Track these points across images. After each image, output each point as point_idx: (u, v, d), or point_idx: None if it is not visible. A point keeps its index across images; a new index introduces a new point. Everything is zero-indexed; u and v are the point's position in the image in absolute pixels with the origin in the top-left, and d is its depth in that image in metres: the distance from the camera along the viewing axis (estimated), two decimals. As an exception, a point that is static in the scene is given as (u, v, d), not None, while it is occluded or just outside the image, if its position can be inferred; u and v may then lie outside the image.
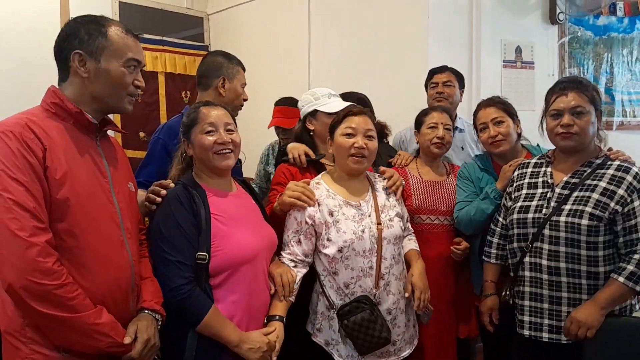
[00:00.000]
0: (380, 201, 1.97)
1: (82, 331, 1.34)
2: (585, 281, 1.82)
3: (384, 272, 1.88)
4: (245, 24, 4.45)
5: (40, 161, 1.34)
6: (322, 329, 1.92)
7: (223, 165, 1.77)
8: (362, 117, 1.94)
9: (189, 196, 1.69)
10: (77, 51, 1.44)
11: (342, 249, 1.84)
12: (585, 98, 1.88)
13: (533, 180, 2.01)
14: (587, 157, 1.92)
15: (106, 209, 1.48)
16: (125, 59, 1.49)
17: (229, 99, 2.31)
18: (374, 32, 3.49)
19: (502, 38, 3.52)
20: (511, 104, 2.35)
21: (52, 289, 1.29)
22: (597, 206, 1.79)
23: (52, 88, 1.48)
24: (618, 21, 3.97)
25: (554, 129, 1.91)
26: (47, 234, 1.31)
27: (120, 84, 1.49)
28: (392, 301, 1.90)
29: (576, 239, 1.80)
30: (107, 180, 1.51)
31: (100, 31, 1.46)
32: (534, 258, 1.90)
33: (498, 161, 2.35)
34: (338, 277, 1.87)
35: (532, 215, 1.92)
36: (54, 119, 1.44)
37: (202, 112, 1.79)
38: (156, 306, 1.56)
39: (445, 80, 2.81)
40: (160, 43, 4.43)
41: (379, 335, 1.82)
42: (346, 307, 1.84)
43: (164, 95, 4.42)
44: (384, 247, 1.89)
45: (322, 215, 1.88)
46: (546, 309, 1.88)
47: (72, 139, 1.44)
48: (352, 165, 1.91)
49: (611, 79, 3.98)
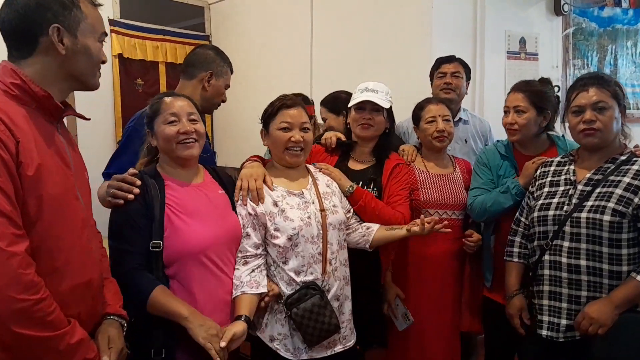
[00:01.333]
0: (322, 188, 1.98)
1: (59, 352, 1.22)
2: (607, 280, 1.75)
3: (330, 258, 1.87)
4: (246, 14, 4.42)
5: (13, 157, 1.16)
6: (268, 325, 1.86)
7: (186, 154, 1.75)
8: (297, 110, 1.93)
9: (144, 186, 1.69)
10: (55, 25, 1.26)
11: (291, 236, 1.82)
12: (608, 93, 1.83)
13: (555, 178, 1.97)
14: (611, 153, 1.87)
15: (74, 206, 1.34)
16: (100, 32, 1.38)
17: (210, 95, 2.29)
18: (377, 24, 3.46)
19: (506, 29, 3.48)
20: (547, 94, 2.24)
21: (31, 304, 1.15)
22: (620, 202, 1.74)
23: (8, 65, 1.27)
24: (623, 13, 3.94)
25: (577, 126, 1.86)
26: (25, 241, 1.17)
27: (98, 60, 1.38)
28: (338, 287, 1.89)
29: (598, 236, 1.75)
30: (72, 172, 1.35)
31: (73, 3, 1.31)
32: (553, 256, 1.85)
33: (519, 149, 2.31)
34: (288, 266, 1.83)
35: (553, 212, 1.87)
36: (15, 103, 1.24)
37: (165, 102, 1.77)
38: (121, 310, 1.50)
39: (454, 70, 2.76)
40: (161, 33, 4.40)
41: (329, 322, 1.79)
42: (294, 294, 1.81)
43: (165, 85, 4.39)
44: (330, 233, 1.88)
45: (264, 207, 1.86)
46: (564, 308, 1.82)
47: (38, 127, 1.26)
48: (290, 159, 1.92)
49: (615, 70, 3.95)
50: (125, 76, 4.19)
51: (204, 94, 2.26)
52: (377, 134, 2.25)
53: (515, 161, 2.28)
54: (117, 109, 4.12)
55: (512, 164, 2.28)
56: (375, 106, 2.18)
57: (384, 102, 2.18)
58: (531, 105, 2.20)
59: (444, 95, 2.72)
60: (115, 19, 4.10)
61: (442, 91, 2.75)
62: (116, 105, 4.12)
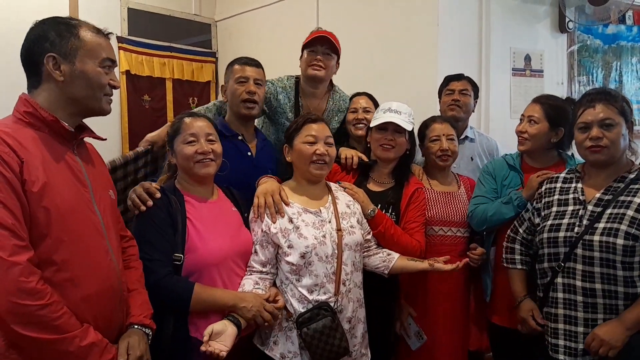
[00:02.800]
0: (341, 208, 1.97)
1: (69, 353, 1.30)
2: (623, 302, 1.73)
3: (345, 278, 1.86)
4: (253, 30, 4.45)
5: (17, 175, 1.27)
6: (278, 342, 1.84)
7: (203, 173, 1.85)
8: (321, 125, 1.97)
9: (167, 200, 1.78)
10: (50, 54, 1.38)
11: (304, 254, 1.82)
12: (614, 110, 1.80)
13: (563, 197, 1.93)
14: (619, 171, 1.85)
15: (89, 220, 1.43)
16: (101, 58, 1.45)
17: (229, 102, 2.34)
18: (383, 40, 3.48)
19: (512, 46, 3.50)
20: (565, 111, 2.20)
21: (35, 309, 1.24)
22: (633, 224, 1.71)
23: (24, 96, 1.42)
24: (627, 30, 3.96)
25: (583, 143, 1.84)
26: (28, 252, 1.26)
27: (98, 85, 1.45)
28: (352, 309, 1.88)
29: (612, 259, 1.72)
30: (88, 189, 1.46)
31: (71, 32, 1.41)
32: (567, 279, 1.82)
33: (528, 161, 2.31)
34: (301, 284, 1.83)
35: (564, 234, 1.84)
36: (28, 129, 1.37)
37: (185, 122, 1.88)
38: (145, 320, 1.55)
39: (462, 88, 2.76)
40: (168, 49, 4.44)
41: (339, 345, 1.78)
42: (306, 314, 1.80)
43: (172, 102, 4.43)
44: (345, 254, 1.88)
45: (279, 223, 1.86)
46: (581, 332, 1.78)
47: (49, 149, 1.38)
48: (315, 172, 1.93)
49: (620, 87, 3.96)
50: (133, 92, 4.23)
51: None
52: (398, 155, 2.24)
53: (522, 172, 2.28)
54: (124, 125, 4.15)
55: (518, 175, 2.27)
56: (398, 128, 2.17)
57: (406, 124, 2.17)
58: (545, 117, 2.21)
59: (451, 112, 2.73)
60: (123, 36, 4.15)
61: (449, 107, 2.76)
62: (123, 122, 4.15)
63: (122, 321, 1.52)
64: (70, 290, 1.34)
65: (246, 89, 2.25)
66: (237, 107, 2.27)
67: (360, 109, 2.60)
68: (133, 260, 1.67)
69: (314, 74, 2.53)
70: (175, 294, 1.69)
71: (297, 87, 2.64)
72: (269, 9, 4.30)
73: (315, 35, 2.56)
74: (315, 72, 2.53)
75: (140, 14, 4.29)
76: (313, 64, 2.53)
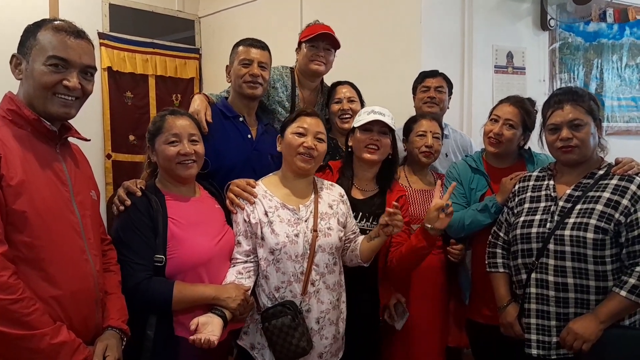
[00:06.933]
0: (322, 208, 1.94)
1: (39, 350, 1.28)
2: (594, 297, 1.76)
3: (314, 279, 1.85)
4: (236, 27, 4.42)
5: None
6: (248, 332, 1.90)
7: (185, 174, 1.83)
8: (315, 119, 1.96)
9: (147, 201, 1.75)
10: (14, 53, 1.43)
11: (273, 251, 1.83)
12: (582, 110, 1.84)
13: (535, 194, 1.96)
14: (589, 168, 1.89)
15: (67, 220, 1.43)
16: (46, 56, 1.40)
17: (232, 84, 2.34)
18: (366, 38, 3.48)
19: (494, 44, 3.52)
20: (533, 116, 2.25)
21: (6, 304, 1.24)
22: (602, 218, 1.75)
23: (9, 94, 1.43)
24: (608, 27, 4.00)
25: (554, 143, 1.88)
26: (2, 246, 1.27)
27: (40, 84, 1.40)
28: (321, 310, 1.86)
29: (582, 253, 1.75)
30: (68, 189, 1.46)
31: (33, 31, 1.42)
32: (539, 274, 1.84)
33: (490, 162, 2.32)
34: (269, 280, 1.84)
35: (536, 230, 1.87)
36: (10, 127, 1.38)
37: (168, 121, 1.82)
38: (123, 325, 1.55)
39: (438, 85, 2.77)
40: (151, 46, 4.39)
41: (297, 344, 1.77)
42: (270, 309, 1.81)
43: (154, 98, 4.37)
44: (318, 255, 1.86)
45: (256, 214, 1.87)
46: (554, 326, 1.81)
47: (30, 148, 1.38)
48: (299, 164, 1.91)
49: (601, 84, 4.01)
50: (115, 89, 4.17)
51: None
52: (382, 157, 2.16)
53: (487, 174, 2.29)
54: (106, 122, 4.10)
55: (484, 176, 2.29)
56: (383, 129, 2.11)
57: (391, 124, 2.11)
58: (521, 123, 2.24)
59: (427, 109, 2.72)
60: (104, 32, 4.09)
61: (426, 105, 2.75)
62: (105, 119, 4.10)
63: (98, 323, 1.51)
64: (44, 289, 1.35)
65: (249, 72, 2.23)
66: (240, 87, 2.26)
67: (344, 99, 2.58)
68: (113, 265, 1.66)
69: (316, 69, 2.55)
70: (155, 296, 1.67)
71: (292, 78, 2.65)
72: (253, 6, 4.27)
73: (316, 31, 2.55)
74: (317, 67, 2.55)
75: (122, 9, 4.23)
76: (315, 59, 2.53)
